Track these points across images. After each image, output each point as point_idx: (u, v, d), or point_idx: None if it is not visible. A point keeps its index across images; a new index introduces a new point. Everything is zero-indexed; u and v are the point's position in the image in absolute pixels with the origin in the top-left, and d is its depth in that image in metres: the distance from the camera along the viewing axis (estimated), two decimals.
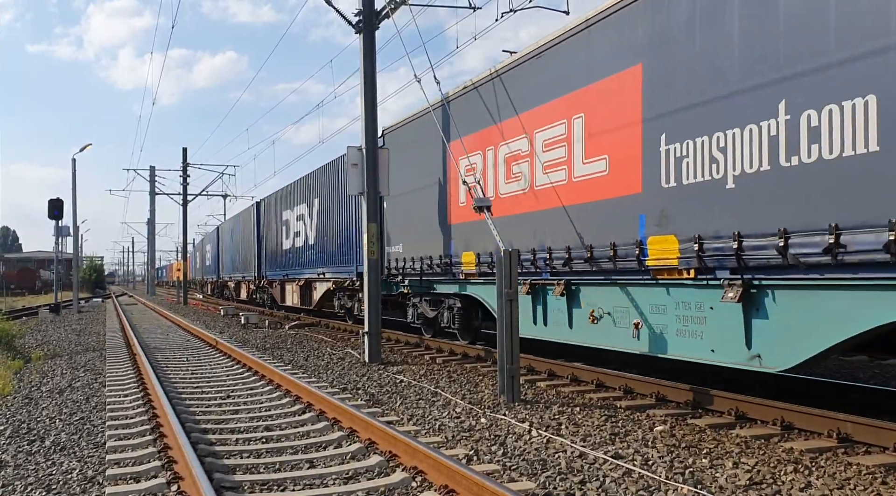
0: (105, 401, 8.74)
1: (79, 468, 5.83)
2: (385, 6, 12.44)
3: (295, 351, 14.19)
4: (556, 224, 9.27)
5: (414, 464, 5.46)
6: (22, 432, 7.24)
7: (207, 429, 7.12)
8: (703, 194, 6.96)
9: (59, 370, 11.92)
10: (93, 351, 14.96)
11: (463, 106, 11.67)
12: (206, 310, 32.34)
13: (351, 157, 12.53)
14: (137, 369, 11.23)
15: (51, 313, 28.93)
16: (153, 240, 57.13)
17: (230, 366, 11.87)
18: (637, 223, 7.87)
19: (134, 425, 7.23)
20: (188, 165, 42.22)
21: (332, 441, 6.46)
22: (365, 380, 10.27)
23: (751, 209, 6.45)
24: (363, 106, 12.55)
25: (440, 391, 9.05)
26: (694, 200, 7.08)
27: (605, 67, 8.36)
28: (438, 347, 13.30)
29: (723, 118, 6.72)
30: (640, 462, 5.71)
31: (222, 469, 5.60)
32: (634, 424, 7.07)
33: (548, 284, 9.65)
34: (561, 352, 11.19)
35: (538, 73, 9.67)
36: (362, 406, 8.12)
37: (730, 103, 6.66)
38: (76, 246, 36.11)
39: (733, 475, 5.35)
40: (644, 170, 7.72)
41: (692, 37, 7.11)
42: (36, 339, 18.12)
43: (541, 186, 9.64)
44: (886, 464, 5.51)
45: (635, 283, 8.08)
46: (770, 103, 6.26)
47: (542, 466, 5.62)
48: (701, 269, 7.07)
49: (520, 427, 6.97)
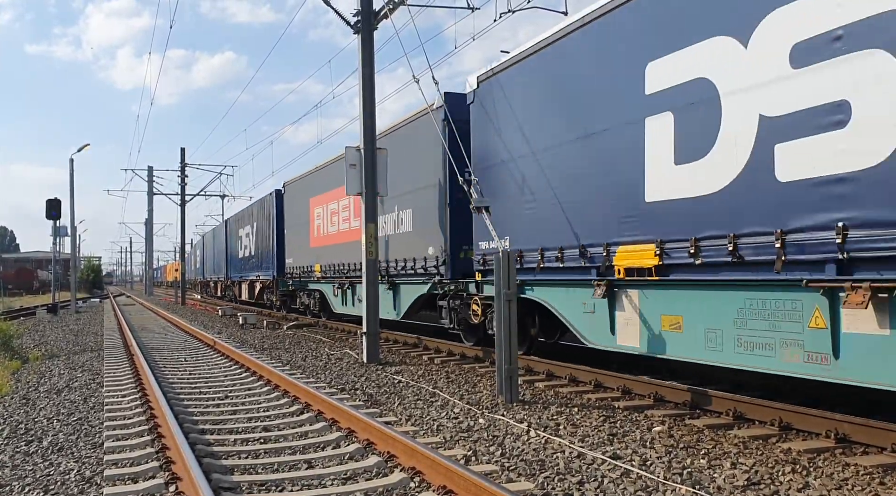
0: (103, 402, 8.73)
1: (77, 468, 5.82)
2: (383, 6, 12.44)
3: (293, 351, 14.18)
4: (343, 249, 17.69)
5: (412, 465, 5.46)
6: (19, 433, 7.23)
7: (205, 429, 7.11)
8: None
9: (57, 370, 11.91)
10: (90, 351, 14.94)
11: (320, 177, 19.77)
12: (203, 310, 32.32)
13: (349, 158, 12.53)
14: (135, 369, 11.22)
15: (48, 313, 28.90)
16: (151, 240, 56.99)
17: (228, 367, 11.86)
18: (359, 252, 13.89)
19: (132, 426, 7.22)
20: (186, 165, 42.17)
21: (331, 441, 6.46)
22: (363, 380, 10.27)
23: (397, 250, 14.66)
24: (362, 106, 12.55)
25: (438, 391, 9.05)
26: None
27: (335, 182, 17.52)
28: (437, 348, 13.30)
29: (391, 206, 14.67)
30: (638, 462, 5.71)
31: (220, 469, 5.60)
32: (633, 425, 7.07)
33: (346, 283, 17.95)
34: (561, 354, 11.18)
35: (330, 174, 18.60)
36: (360, 406, 8.12)
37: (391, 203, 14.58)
38: (74, 246, 36.06)
39: (731, 475, 5.35)
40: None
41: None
42: (33, 340, 18.10)
43: (338, 231, 18.24)
44: (884, 465, 5.52)
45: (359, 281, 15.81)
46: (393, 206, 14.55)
47: (540, 467, 5.62)
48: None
49: (518, 427, 6.97)
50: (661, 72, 7.49)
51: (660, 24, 7.50)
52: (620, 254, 8.09)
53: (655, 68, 7.55)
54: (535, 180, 9.67)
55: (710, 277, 6.93)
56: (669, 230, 7.36)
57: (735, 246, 6.58)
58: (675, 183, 7.28)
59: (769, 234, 6.29)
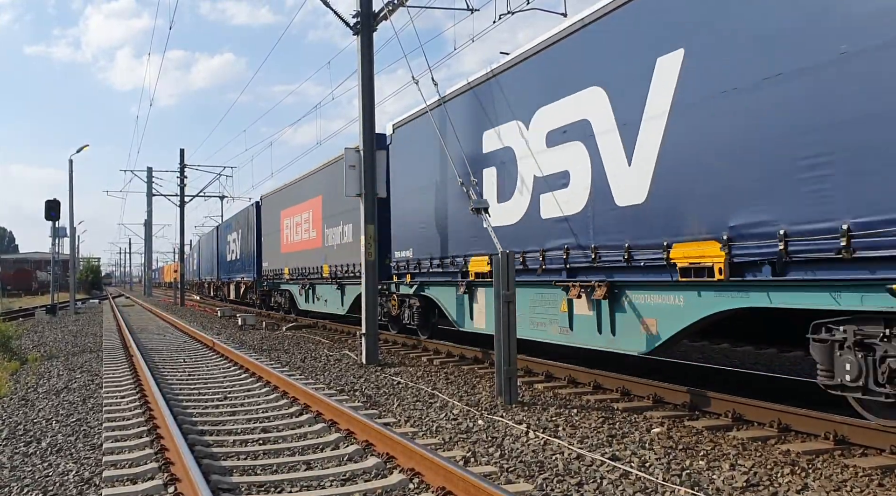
0: (102, 403, 8.72)
1: (75, 469, 5.82)
2: (383, 8, 12.45)
3: (292, 352, 14.18)
4: (306, 255, 20.88)
5: (411, 466, 5.46)
6: (18, 434, 7.23)
7: (205, 430, 7.11)
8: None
9: (56, 371, 11.90)
10: (89, 352, 14.94)
11: (289, 192, 22.87)
12: (202, 311, 32.31)
13: (348, 159, 12.53)
14: (134, 370, 11.22)
15: (47, 314, 28.87)
16: (150, 241, 57.06)
17: (227, 368, 11.86)
18: (322, 259, 19.12)
19: (131, 426, 7.22)
20: (185, 166, 42.18)
21: (330, 442, 6.46)
22: (362, 381, 10.27)
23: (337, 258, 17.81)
24: (361, 107, 12.55)
25: (437, 393, 9.05)
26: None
27: (314, 192, 20.13)
28: (436, 349, 13.30)
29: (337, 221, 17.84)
30: (637, 464, 5.72)
31: (219, 470, 5.60)
32: (632, 426, 7.07)
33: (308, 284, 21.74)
34: (559, 354, 11.19)
35: (297, 190, 22.01)
36: (360, 407, 8.12)
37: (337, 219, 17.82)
38: (73, 247, 36.04)
39: (730, 477, 5.36)
40: (322, 240, 19.21)
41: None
42: (32, 341, 18.09)
43: (301, 240, 21.38)
44: (883, 466, 5.52)
45: (321, 283, 19.49)
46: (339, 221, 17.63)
47: (539, 468, 5.62)
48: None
49: (517, 429, 6.97)
50: (488, 139, 10.94)
51: (490, 107, 10.85)
52: (472, 262, 11.36)
53: (486, 136, 10.97)
54: (423, 209, 13.14)
55: (520, 279, 9.39)
56: (495, 247, 9.67)
57: (524, 258, 9.85)
58: (498, 214, 10.48)
59: (537, 251, 9.61)
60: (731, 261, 6.65)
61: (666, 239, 7.42)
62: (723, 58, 6.72)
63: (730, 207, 6.67)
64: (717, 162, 6.82)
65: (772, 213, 6.25)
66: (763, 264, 6.40)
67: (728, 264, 6.66)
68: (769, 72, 6.23)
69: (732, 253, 6.63)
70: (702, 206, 7.02)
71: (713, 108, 6.82)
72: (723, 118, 6.72)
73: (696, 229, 7.08)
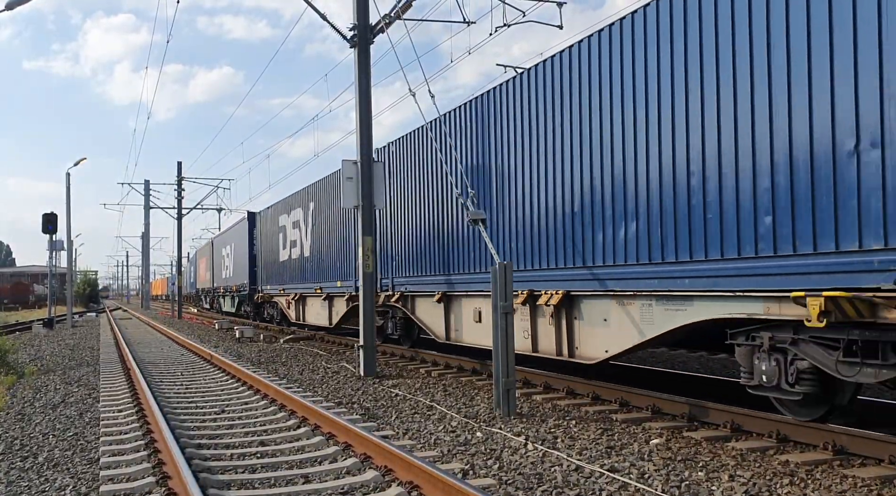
0: (99, 417, 8.69)
1: (72, 484, 5.79)
2: (380, 21, 12.51)
3: (290, 365, 14.15)
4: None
5: (410, 479, 5.44)
6: (15, 448, 7.20)
7: (202, 444, 7.09)
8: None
9: (53, 385, 11.86)
10: (87, 366, 14.89)
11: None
12: (200, 323, 32.23)
13: (346, 171, 12.56)
14: (132, 384, 11.18)
15: (44, 328, 28.79)
16: (147, 254, 57.04)
17: (225, 381, 11.83)
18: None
19: (128, 441, 7.19)
20: (183, 179, 42.22)
21: (328, 456, 6.44)
22: (360, 393, 10.25)
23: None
24: (358, 120, 12.59)
25: (436, 405, 9.03)
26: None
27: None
28: (434, 361, 13.29)
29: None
30: (636, 475, 5.70)
31: (217, 484, 5.57)
32: (630, 437, 7.06)
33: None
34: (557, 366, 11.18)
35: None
36: (358, 420, 8.09)
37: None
38: (70, 260, 35.98)
39: (729, 488, 5.35)
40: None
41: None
42: (29, 354, 18.03)
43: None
44: (882, 477, 5.52)
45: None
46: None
47: (538, 480, 5.61)
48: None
49: (516, 441, 6.95)
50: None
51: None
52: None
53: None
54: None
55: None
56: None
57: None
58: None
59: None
60: None
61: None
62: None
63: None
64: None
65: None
66: None
67: None
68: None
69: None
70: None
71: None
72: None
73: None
